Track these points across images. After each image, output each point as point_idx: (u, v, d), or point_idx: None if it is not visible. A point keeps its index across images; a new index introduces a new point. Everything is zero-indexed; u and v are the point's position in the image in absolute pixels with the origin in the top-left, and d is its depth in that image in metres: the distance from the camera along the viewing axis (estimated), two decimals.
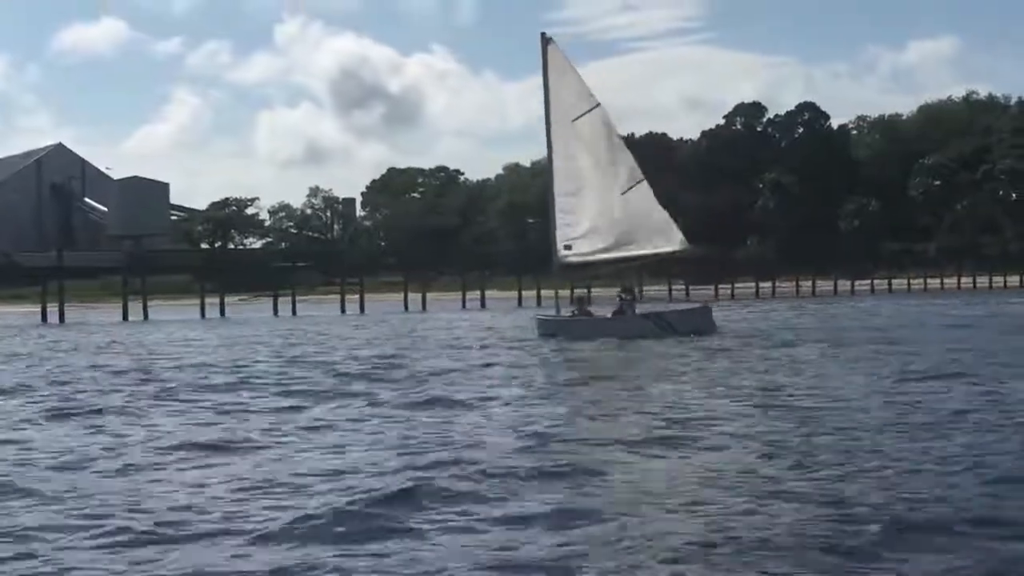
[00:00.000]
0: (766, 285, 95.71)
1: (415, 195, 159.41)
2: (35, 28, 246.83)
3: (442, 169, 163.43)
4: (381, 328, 48.54)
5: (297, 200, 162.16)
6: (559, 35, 43.77)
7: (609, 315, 36.82)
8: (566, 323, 36.60)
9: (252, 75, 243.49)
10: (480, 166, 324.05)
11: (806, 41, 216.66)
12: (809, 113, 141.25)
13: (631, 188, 37.10)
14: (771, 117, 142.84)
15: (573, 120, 37.60)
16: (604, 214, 37.26)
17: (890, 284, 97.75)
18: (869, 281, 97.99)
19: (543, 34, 39.41)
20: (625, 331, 33.53)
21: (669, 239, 37.42)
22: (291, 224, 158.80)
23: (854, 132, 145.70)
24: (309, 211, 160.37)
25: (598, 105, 38.04)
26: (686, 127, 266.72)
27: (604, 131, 37.88)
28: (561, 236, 38.04)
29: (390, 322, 55.10)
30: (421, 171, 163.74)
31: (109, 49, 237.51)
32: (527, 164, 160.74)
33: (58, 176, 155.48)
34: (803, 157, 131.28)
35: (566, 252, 38.07)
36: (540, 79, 38.27)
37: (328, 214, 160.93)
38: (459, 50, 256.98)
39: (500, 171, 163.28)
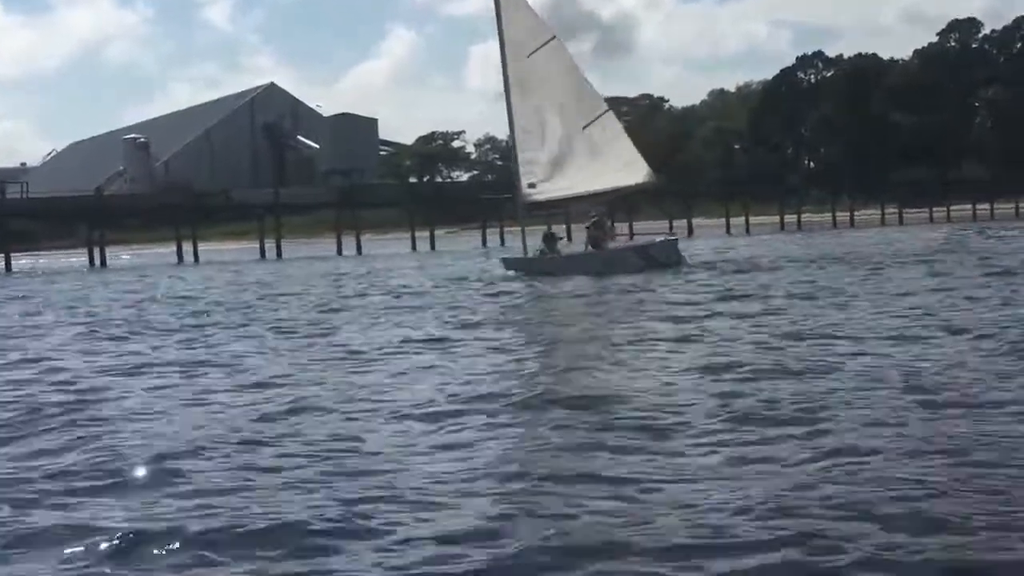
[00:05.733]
0: (983, 207, 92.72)
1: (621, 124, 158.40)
2: None
3: (646, 96, 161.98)
4: None
5: (502, 132, 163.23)
6: None
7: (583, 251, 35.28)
8: (544, 261, 34.68)
9: (466, 8, 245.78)
10: (686, 92, 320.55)
11: None
12: None
13: (593, 121, 35.64)
14: (987, 33, 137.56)
15: (528, 55, 35.97)
16: (566, 150, 35.70)
17: None
18: None
19: None
20: (606, 266, 31.90)
21: (634, 172, 35.73)
22: (496, 156, 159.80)
23: None
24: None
25: (553, 38, 36.55)
26: (899, 45, 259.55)
27: (561, 64, 36.36)
28: (524, 175, 36.25)
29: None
30: (625, 99, 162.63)
31: None
32: (731, 89, 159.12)
33: (271, 115, 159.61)
34: (1022, 73, 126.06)
35: (530, 191, 36.22)
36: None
37: None
38: None
39: (705, 97, 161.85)
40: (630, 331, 15.94)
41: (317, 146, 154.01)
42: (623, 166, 35.68)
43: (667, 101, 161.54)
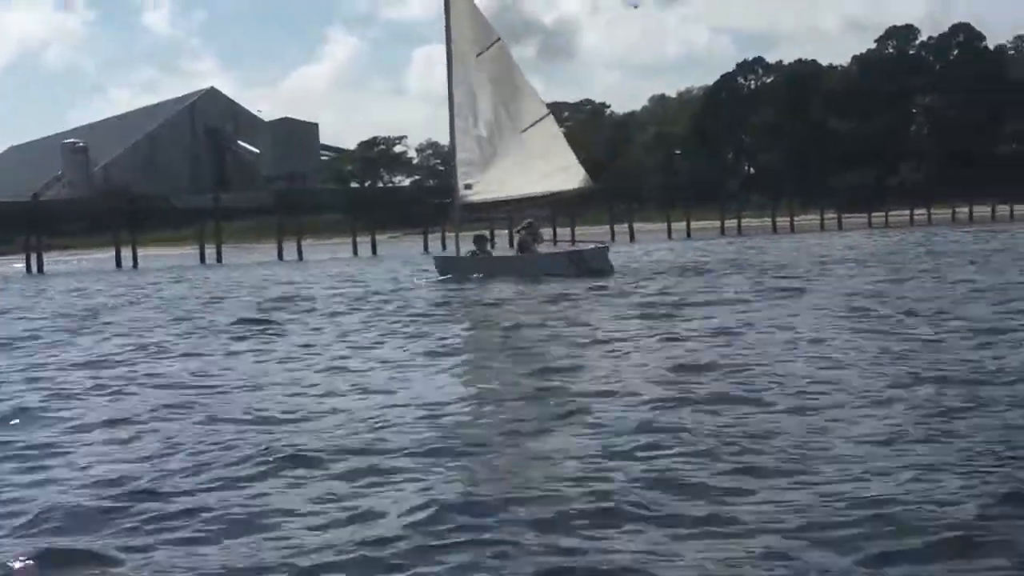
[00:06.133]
0: (921, 212, 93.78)
1: (561, 129, 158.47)
2: None
3: (588, 102, 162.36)
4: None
5: (444, 137, 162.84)
6: None
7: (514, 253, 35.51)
8: (476, 262, 34.63)
9: (408, 12, 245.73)
10: (627, 98, 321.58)
11: None
12: (964, 34, 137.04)
13: (533, 125, 35.67)
14: (924, 40, 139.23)
15: (477, 55, 36.09)
16: (504, 153, 35.76)
17: None
18: None
19: None
20: (537, 269, 32.10)
21: (571, 177, 35.65)
22: (438, 161, 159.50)
23: (1011, 52, 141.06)
24: None
25: (499, 39, 36.78)
26: (838, 52, 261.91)
27: (506, 66, 36.50)
28: (462, 176, 36.34)
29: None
30: (566, 104, 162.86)
31: None
32: (672, 95, 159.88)
33: (211, 120, 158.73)
34: (958, 80, 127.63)
35: (466, 192, 36.26)
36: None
37: None
38: None
39: (646, 103, 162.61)
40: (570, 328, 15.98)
41: (258, 151, 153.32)
42: (560, 170, 35.50)
43: (608, 107, 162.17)
